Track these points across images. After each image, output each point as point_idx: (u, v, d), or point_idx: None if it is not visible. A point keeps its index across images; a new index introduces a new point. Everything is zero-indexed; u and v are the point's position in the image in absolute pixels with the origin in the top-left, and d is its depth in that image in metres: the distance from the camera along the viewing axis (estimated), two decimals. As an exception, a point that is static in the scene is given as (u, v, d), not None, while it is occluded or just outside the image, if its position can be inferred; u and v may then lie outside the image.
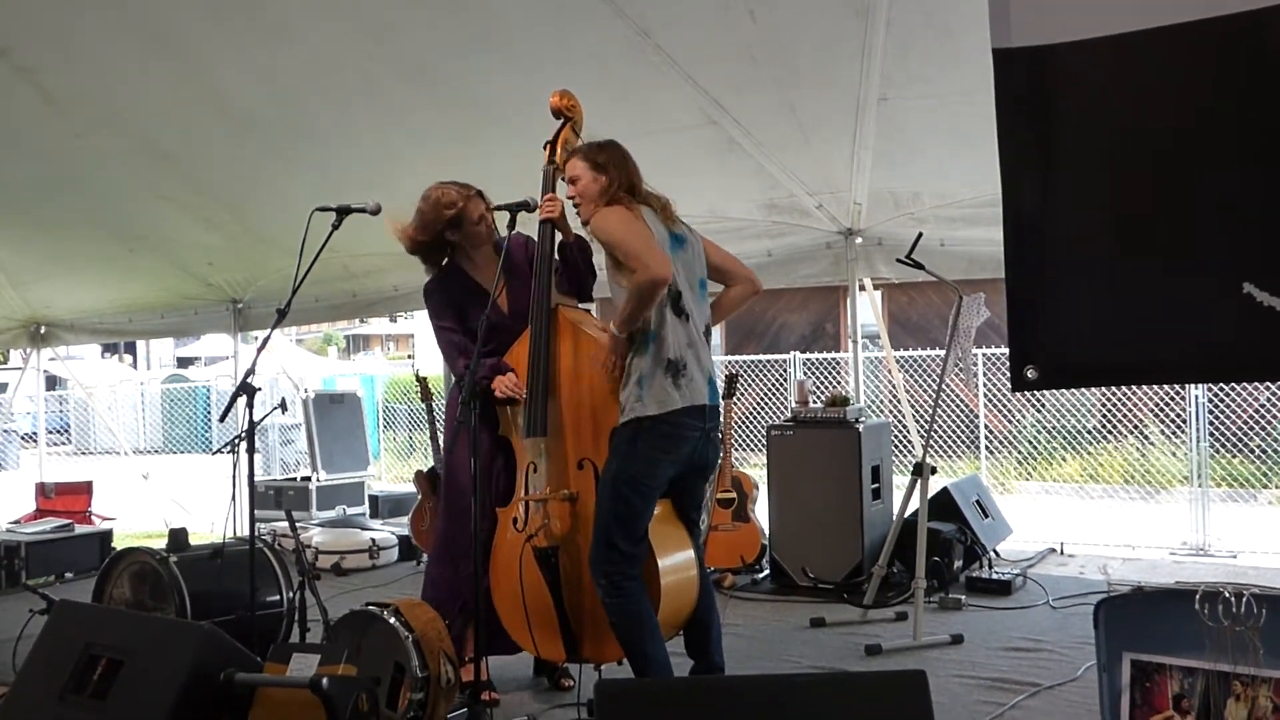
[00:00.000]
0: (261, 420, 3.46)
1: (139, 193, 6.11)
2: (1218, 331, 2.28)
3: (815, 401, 5.47)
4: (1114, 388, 8.44)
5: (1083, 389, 8.53)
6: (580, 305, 3.61)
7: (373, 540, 6.26)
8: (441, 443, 4.58)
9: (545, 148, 3.55)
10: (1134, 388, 8.67)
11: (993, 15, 2.35)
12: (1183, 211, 2.32)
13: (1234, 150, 2.26)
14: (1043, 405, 10.04)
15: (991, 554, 5.42)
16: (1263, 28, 2.16)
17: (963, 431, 9.75)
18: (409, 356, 28.33)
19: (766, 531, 5.37)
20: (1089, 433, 9.66)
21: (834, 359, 10.82)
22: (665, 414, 3.08)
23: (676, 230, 3.27)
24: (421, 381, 6.23)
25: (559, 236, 3.50)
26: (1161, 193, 2.33)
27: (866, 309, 6.18)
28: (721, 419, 3.71)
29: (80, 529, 6.42)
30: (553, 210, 3.44)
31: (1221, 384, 7.37)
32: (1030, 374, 2.45)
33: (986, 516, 5.62)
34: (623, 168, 3.26)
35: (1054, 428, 9.85)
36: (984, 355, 8.92)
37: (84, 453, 15.40)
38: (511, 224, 3.48)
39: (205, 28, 4.58)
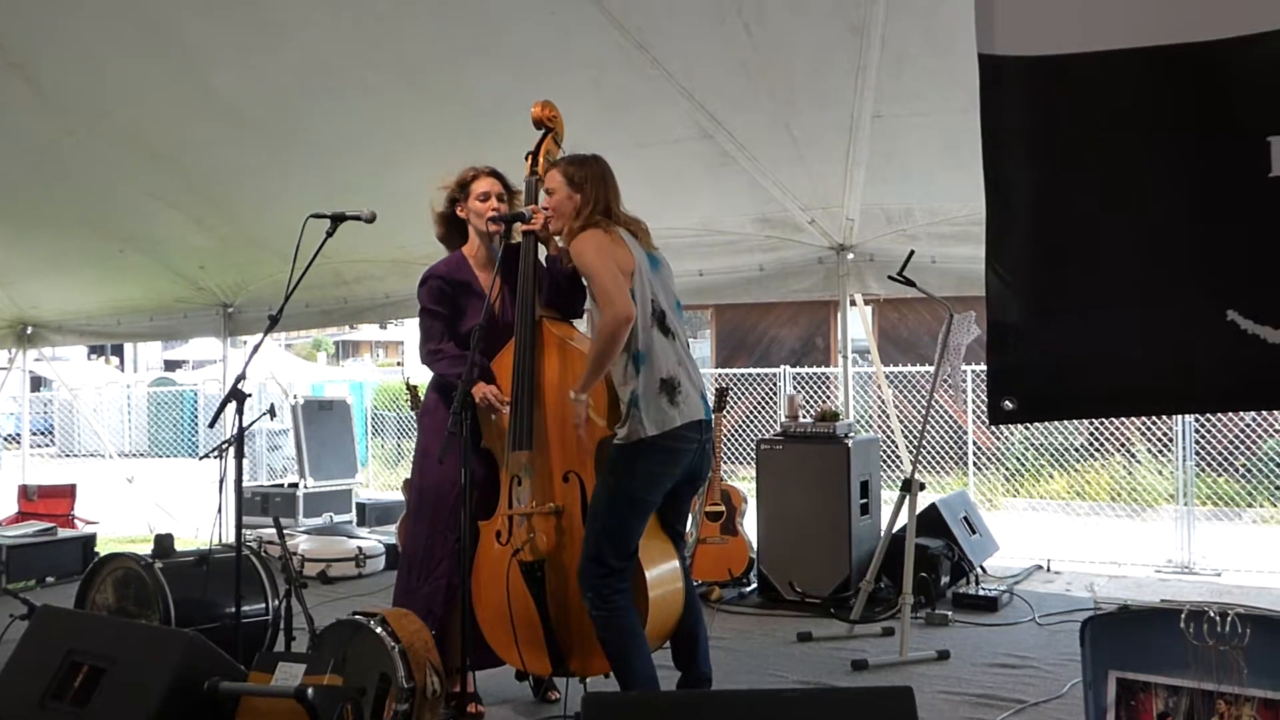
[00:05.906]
0: (250, 426, 3.44)
1: (130, 192, 6.07)
2: (1202, 361, 2.25)
3: (805, 416, 5.47)
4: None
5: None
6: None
7: (359, 548, 6.23)
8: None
9: (527, 159, 3.54)
10: (1121, 406, 8.68)
11: (978, 20, 2.31)
12: (1164, 237, 2.29)
13: (1212, 174, 2.24)
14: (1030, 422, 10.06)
15: (978, 570, 5.42)
16: (1251, 46, 2.15)
17: (951, 447, 9.78)
18: (398, 363, 28.29)
19: (754, 545, 5.36)
20: (1076, 450, 9.69)
21: (824, 373, 10.84)
22: (665, 433, 3.08)
23: (654, 253, 3.28)
24: (411, 389, 6.21)
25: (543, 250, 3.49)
26: (1142, 218, 2.30)
27: (857, 324, 6.19)
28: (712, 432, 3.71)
29: (63, 533, 6.36)
30: (538, 223, 3.42)
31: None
32: (1008, 405, 2.40)
33: (974, 533, 5.63)
34: (600, 187, 3.21)
35: (1041, 445, 9.88)
36: (973, 372, 8.94)
37: (68, 455, 15.29)
38: (507, 234, 3.47)
39: (198, 25, 4.55)
